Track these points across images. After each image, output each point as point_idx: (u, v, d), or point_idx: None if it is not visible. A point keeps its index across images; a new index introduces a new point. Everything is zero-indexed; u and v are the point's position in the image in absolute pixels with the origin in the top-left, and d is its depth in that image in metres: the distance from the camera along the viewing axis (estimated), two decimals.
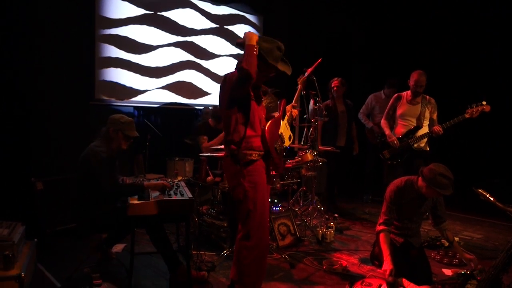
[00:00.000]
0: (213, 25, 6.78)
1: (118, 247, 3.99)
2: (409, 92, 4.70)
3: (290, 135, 3.24)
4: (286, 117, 3.20)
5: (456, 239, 4.40)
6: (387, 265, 2.96)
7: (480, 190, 2.40)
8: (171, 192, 3.21)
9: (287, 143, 3.20)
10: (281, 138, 3.08)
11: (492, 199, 2.33)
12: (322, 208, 5.08)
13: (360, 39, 8.06)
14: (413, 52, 7.24)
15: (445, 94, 4.30)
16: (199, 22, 6.59)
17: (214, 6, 6.78)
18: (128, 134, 3.36)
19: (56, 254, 3.83)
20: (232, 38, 6.98)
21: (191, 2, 6.45)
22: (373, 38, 7.86)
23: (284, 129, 3.17)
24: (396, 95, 4.86)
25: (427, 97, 4.62)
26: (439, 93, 4.67)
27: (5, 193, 4.22)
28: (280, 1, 7.42)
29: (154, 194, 3.16)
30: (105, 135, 3.34)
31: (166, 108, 6.19)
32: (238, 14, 7.16)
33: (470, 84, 6.64)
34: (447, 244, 4.22)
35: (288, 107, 3.23)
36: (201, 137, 4.99)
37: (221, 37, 6.91)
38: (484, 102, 4.13)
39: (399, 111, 4.73)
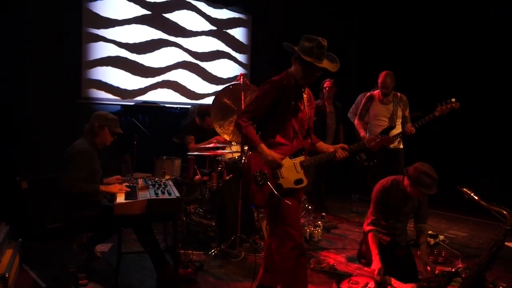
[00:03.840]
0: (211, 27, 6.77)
1: (105, 247, 3.96)
2: (379, 91, 4.69)
3: (299, 179, 2.70)
4: (302, 157, 2.78)
5: (441, 237, 4.47)
6: (376, 264, 2.99)
7: (464, 189, 2.43)
8: (159, 191, 3.19)
9: (286, 183, 2.64)
10: (274, 173, 2.65)
11: (476, 197, 2.36)
12: (309, 207, 5.10)
13: (357, 39, 8.05)
14: (413, 52, 7.27)
15: (445, 94, 4.28)
16: (195, 23, 6.56)
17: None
18: (114, 131, 3.37)
19: (42, 254, 3.78)
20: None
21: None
22: (371, 38, 7.86)
23: (291, 167, 2.70)
24: (368, 94, 4.84)
25: (399, 94, 4.63)
26: (439, 93, 4.67)
27: None
28: (272, 1, 7.41)
29: (142, 193, 3.13)
30: (90, 130, 3.30)
31: (154, 107, 6.15)
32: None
33: (470, 84, 6.67)
34: (432, 242, 4.29)
35: (331, 147, 2.98)
36: (188, 137, 4.93)
37: (216, 38, 6.88)
38: (453, 100, 4.14)
39: (372, 112, 4.73)
